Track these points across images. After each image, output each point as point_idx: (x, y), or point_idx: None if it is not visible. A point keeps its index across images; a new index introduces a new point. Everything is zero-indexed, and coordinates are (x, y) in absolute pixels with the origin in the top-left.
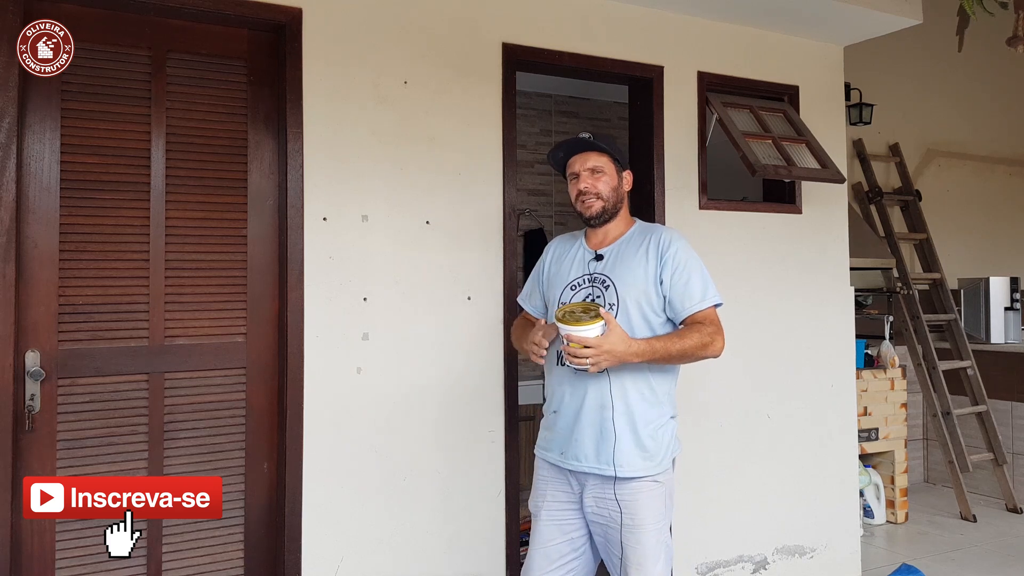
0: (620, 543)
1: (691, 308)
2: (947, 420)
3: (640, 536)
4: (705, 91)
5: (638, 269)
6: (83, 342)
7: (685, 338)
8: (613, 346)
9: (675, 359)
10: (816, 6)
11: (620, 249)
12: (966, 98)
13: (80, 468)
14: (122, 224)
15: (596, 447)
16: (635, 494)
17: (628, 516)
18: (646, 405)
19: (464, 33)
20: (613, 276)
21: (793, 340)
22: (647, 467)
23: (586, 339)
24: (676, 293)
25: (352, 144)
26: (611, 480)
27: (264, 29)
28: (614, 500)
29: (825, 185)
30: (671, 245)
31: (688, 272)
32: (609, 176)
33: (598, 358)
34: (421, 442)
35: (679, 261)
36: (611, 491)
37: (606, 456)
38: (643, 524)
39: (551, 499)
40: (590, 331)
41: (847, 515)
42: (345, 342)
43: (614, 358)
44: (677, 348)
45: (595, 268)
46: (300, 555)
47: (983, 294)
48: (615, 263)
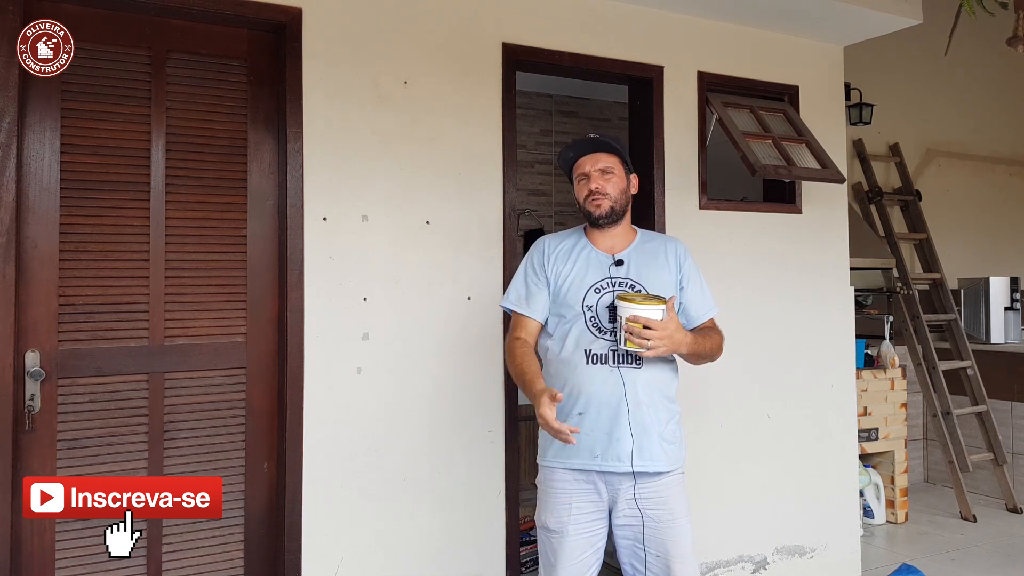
0: (658, 540)
1: (704, 315)
2: (947, 420)
3: (679, 529)
4: (705, 91)
5: (663, 275)
6: (83, 342)
7: (709, 338)
8: (674, 331)
9: (704, 357)
10: (816, 6)
11: (638, 255)
12: (966, 98)
13: (80, 468)
14: (122, 224)
15: (639, 444)
16: (671, 488)
17: (667, 512)
18: (668, 402)
19: (464, 33)
20: (643, 281)
21: (793, 340)
22: (677, 461)
23: (651, 320)
24: (694, 301)
25: (352, 144)
26: (653, 476)
27: (264, 29)
28: (651, 497)
29: (825, 185)
30: (686, 256)
31: (701, 282)
32: (618, 177)
33: (661, 340)
34: (421, 442)
35: (692, 271)
36: (649, 488)
37: (648, 452)
38: (680, 517)
39: (578, 511)
40: (655, 312)
41: (847, 515)
42: (345, 342)
43: (673, 343)
44: (708, 346)
45: (617, 272)
46: (300, 555)
47: (983, 294)
48: (639, 268)
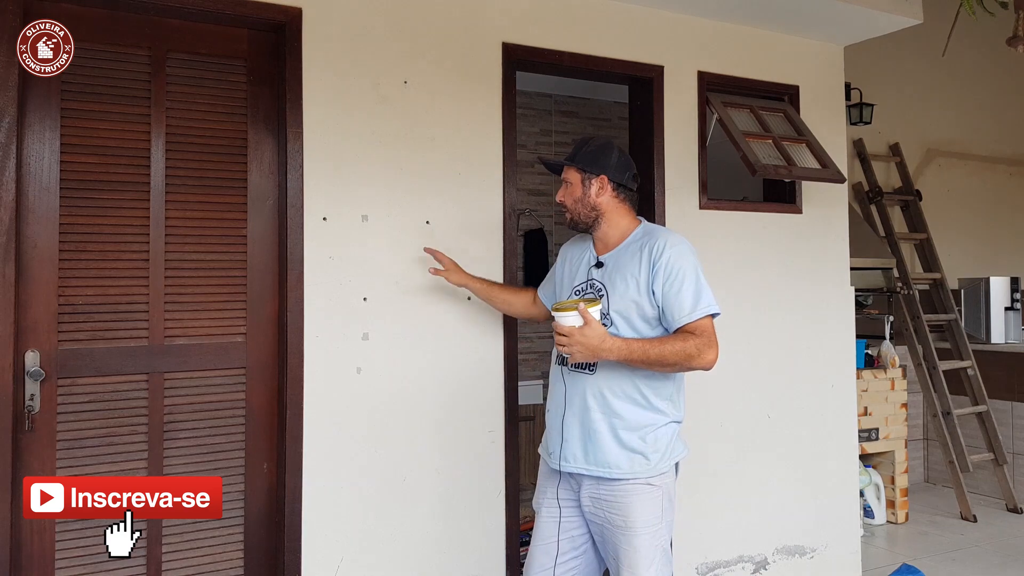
0: (614, 544)
1: (681, 319)
2: (947, 420)
3: (632, 538)
4: (705, 91)
5: (630, 279)
6: (83, 342)
7: (665, 345)
8: (587, 339)
9: (654, 364)
10: (816, 6)
11: (619, 256)
12: (966, 98)
13: (80, 468)
14: (122, 224)
15: (584, 447)
16: (628, 496)
17: (620, 517)
18: (636, 409)
19: (464, 33)
20: (608, 285)
21: (793, 340)
22: (638, 469)
23: (561, 326)
24: (668, 303)
25: (352, 144)
26: (602, 481)
27: (264, 29)
28: (607, 500)
29: (825, 185)
30: (663, 253)
31: (680, 282)
32: (573, 187)
33: (571, 347)
34: (421, 442)
35: (671, 270)
36: (603, 491)
37: (593, 457)
38: (635, 526)
39: (551, 496)
40: (565, 319)
41: (847, 515)
42: (345, 342)
43: (587, 350)
44: (655, 353)
45: (594, 275)
46: (300, 555)
47: (983, 294)
48: (612, 271)
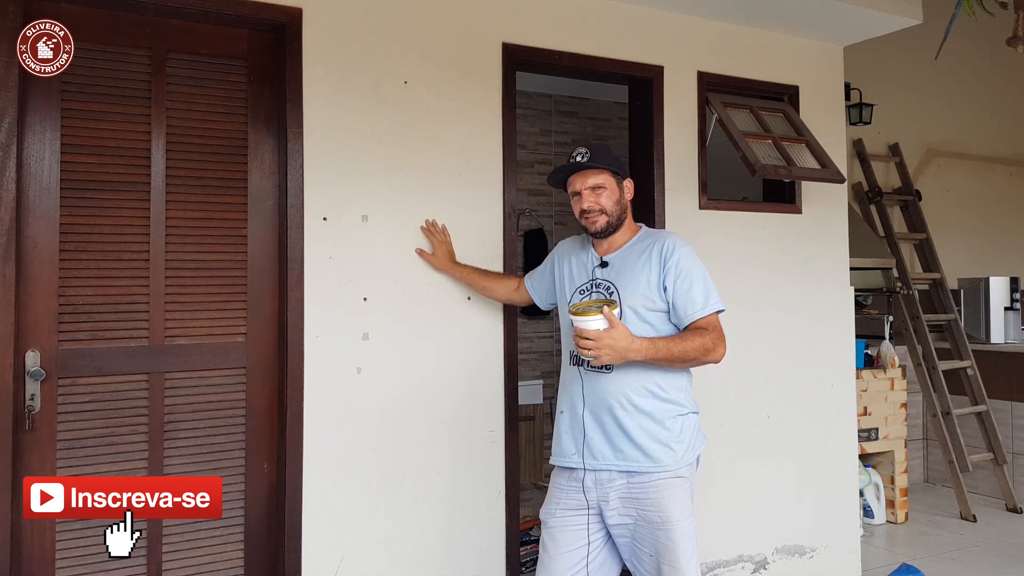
0: (651, 540)
1: (693, 315)
2: (947, 420)
3: (670, 533)
4: (705, 91)
5: (640, 276)
6: (83, 342)
7: (687, 341)
8: (615, 341)
9: (676, 361)
10: (816, 6)
11: (625, 256)
12: (966, 98)
13: (80, 468)
14: (122, 224)
15: (611, 444)
16: (660, 491)
17: (655, 513)
18: (657, 402)
19: (464, 33)
20: (617, 283)
21: (793, 340)
22: (667, 460)
23: (586, 330)
24: (679, 300)
25: (352, 144)
26: (632, 476)
27: (264, 29)
28: (638, 498)
29: (825, 185)
30: (674, 252)
31: (690, 279)
32: (610, 191)
33: (599, 350)
34: (421, 442)
35: (682, 268)
36: (635, 489)
37: (622, 452)
38: (671, 520)
39: (564, 506)
40: (590, 323)
41: (847, 515)
42: (345, 342)
43: (616, 352)
44: (679, 350)
45: (600, 275)
46: (300, 555)
47: (983, 294)
48: (620, 270)
